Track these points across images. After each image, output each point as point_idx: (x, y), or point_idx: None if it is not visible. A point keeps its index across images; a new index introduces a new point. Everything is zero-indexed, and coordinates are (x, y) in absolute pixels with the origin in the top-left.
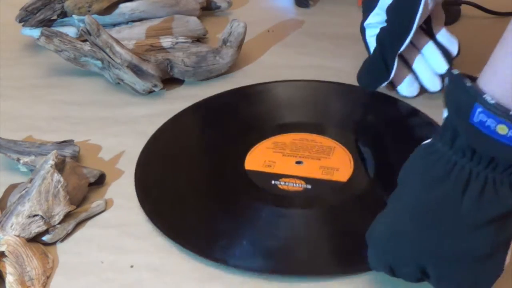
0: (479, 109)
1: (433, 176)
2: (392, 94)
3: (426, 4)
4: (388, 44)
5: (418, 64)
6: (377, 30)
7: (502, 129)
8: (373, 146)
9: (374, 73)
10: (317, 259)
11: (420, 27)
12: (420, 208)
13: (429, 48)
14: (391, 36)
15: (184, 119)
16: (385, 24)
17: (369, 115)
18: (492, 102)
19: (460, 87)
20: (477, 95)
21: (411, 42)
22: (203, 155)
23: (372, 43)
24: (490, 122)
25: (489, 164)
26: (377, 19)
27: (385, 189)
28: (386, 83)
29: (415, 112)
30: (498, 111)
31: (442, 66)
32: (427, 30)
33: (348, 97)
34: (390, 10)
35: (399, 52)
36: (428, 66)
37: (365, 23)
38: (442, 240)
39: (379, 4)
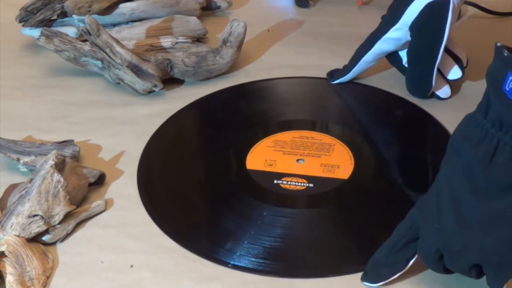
0: (511, 77)
1: (472, 143)
2: (390, 90)
3: (453, 16)
4: (422, 60)
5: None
6: (390, 45)
7: None
8: (373, 142)
9: (419, 87)
10: (321, 258)
11: None
12: (464, 174)
13: (444, 58)
14: (425, 51)
15: (184, 117)
16: (403, 40)
17: (368, 112)
18: None
19: (498, 57)
20: (511, 64)
21: None
22: (204, 154)
23: (377, 53)
24: None
25: None
26: (397, 35)
27: (387, 184)
28: (430, 92)
29: (413, 107)
30: None
31: (458, 73)
32: None
33: (346, 94)
34: (416, 27)
35: (437, 63)
36: (440, 75)
37: (384, 37)
38: (477, 205)
39: (401, 20)
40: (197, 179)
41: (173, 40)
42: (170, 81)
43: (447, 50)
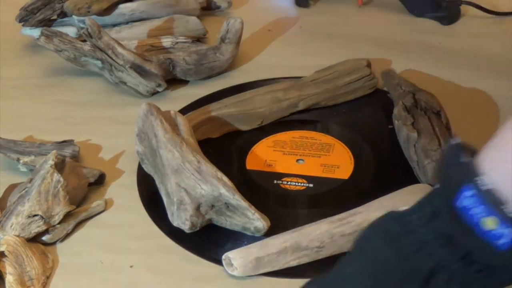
0: (466, 193)
1: (398, 252)
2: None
3: None
4: None
5: None
6: None
7: (489, 223)
8: (373, 142)
9: None
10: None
11: None
12: (380, 278)
13: None
14: None
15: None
16: None
17: (368, 112)
18: (486, 187)
19: (454, 160)
20: (469, 175)
21: None
22: (204, 154)
23: None
24: (476, 211)
25: (463, 259)
26: None
27: (387, 184)
28: None
29: None
30: (490, 200)
31: None
32: None
33: None
34: None
35: None
36: None
37: None
38: None
39: None
40: None
41: (173, 40)
42: (172, 81)
43: None
